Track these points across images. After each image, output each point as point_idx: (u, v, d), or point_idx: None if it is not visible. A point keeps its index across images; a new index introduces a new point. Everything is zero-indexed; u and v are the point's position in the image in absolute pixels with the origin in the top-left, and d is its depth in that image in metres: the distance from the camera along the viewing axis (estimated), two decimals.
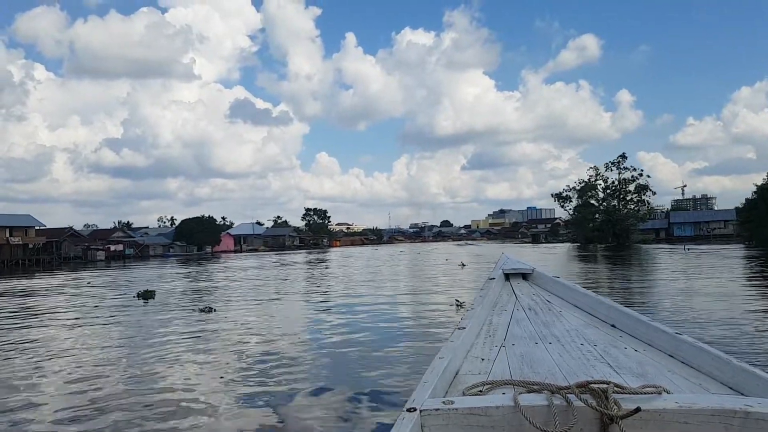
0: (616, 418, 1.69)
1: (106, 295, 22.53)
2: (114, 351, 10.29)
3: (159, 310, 16.24)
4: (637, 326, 2.80)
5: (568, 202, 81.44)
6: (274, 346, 10.11)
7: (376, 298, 17.70)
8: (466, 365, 2.43)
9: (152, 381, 7.84)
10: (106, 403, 6.75)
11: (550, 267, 28.36)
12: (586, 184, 77.59)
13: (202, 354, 9.64)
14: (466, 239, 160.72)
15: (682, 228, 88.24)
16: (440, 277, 26.16)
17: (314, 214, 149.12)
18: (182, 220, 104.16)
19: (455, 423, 1.77)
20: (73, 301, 20.47)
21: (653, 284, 20.04)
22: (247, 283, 26.98)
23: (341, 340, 10.57)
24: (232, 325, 12.78)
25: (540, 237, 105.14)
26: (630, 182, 75.57)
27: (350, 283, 24.77)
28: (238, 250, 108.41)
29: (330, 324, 12.87)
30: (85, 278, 35.91)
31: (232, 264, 51.37)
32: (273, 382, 7.57)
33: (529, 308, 3.39)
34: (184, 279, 32.05)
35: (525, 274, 4.11)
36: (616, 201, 76.08)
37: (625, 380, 2.10)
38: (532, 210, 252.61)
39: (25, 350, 10.59)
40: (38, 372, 8.75)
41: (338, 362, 8.77)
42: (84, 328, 13.61)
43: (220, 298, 19.34)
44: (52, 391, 7.65)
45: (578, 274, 25.40)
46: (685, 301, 14.62)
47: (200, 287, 25.41)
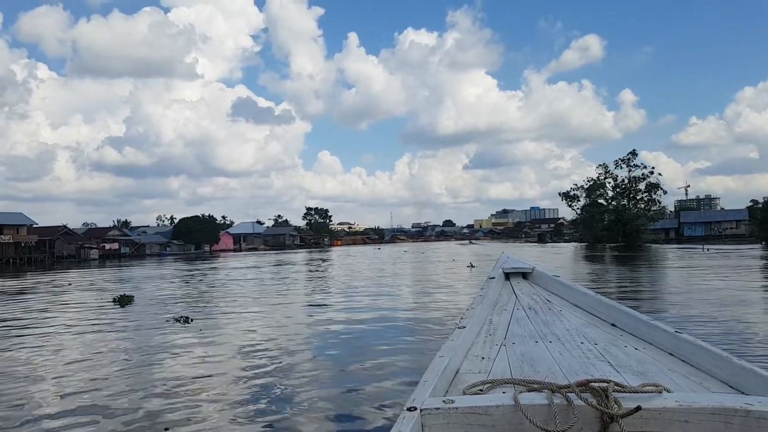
0: (617, 416, 1.69)
1: (81, 299, 20.43)
2: (39, 369, 8.13)
3: (131, 319, 14.11)
4: (638, 325, 2.80)
5: (576, 201, 79.26)
6: (242, 388, 7.13)
7: (389, 311, 15.50)
8: (466, 364, 2.40)
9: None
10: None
11: (565, 270, 26.31)
12: (594, 182, 75.16)
13: (142, 390, 7.47)
14: (469, 239, 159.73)
15: (692, 228, 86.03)
16: (453, 283, 23.98)
17: (315, 213, 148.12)
18: (180, 219, 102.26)
19: (456, 422, 1.77)
20: (39, 306, 18.36)
21: (689, 289, 17.70)
22: (237, 286, 24.85)
23: (343, 391, 6.78)
24: (205, 343, 10.45)
25: (546, 237, 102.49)
26: (640, 180, 73.20)
27: (354, 288, 22.59)
28: (238, 250, 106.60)
29: (330, 355, 9.05)
30: (71, 278, 33.86)
31: (228, 264, 49.25)
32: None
33: (529, 307, 3.39)
34: (173, 281, 29.94)
35: (525, 273, 4.09)
36: (625, 200, 73.75)
37: (626, 379, 2.09)
38: (535, 210, 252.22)
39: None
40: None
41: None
42: (31, 338, 11.48)
43: (202, 305, 17.22)
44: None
45: (596, 279, 23.23)
46: (743, 312, 12.39)
47: (186, 291, 23.31)
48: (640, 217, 71.31)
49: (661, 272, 26.27)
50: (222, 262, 55.27)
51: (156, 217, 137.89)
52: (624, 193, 73.99)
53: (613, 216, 72.13)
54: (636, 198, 73.66)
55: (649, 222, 73.21)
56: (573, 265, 33.01)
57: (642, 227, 71.42)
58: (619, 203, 73.67)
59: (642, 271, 26.46)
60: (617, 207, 73.13)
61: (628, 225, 70.37)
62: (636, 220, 70.82)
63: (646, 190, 73.08)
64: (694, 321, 10.74)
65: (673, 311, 12.43)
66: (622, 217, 70.80)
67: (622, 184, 74.13)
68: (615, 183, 74.32)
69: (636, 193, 73.57)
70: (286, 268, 38.36)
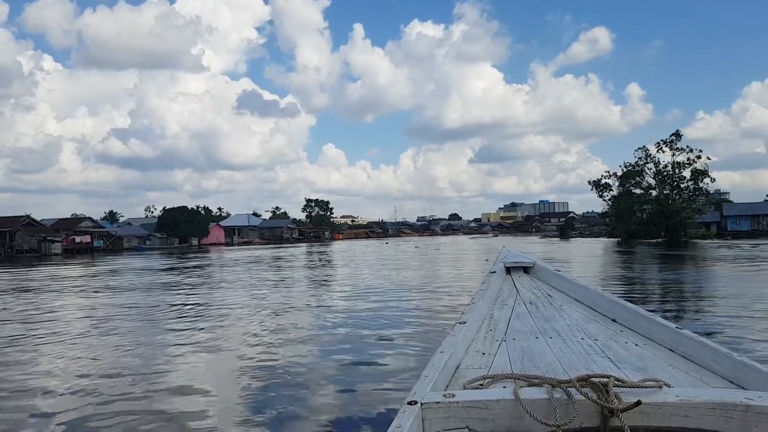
0: (617, 411, 1.67)
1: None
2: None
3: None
4: (638, 320, 2.78)
5: (608, 190, 69.77)
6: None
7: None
8: (467, 359, 2.41)
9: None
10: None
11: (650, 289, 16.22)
12: (632, 168, 65.44)
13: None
14: (477, 233, 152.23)
15: (737, 222, 76.49)
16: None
17: (316, 205, 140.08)
18: (165, 210, 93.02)
19: (456, 416, 1.75)
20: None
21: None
22: (190, 293, 15.70)
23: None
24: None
25: (568, 231, 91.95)
26: (686, 166, 63.53)
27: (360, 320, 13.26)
28: (230, 243, 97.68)
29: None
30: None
31: (207, 260, 39.91)
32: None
33: (530, 302, 3.39)
34: (130, 283, 20.80)
35: (526, 267, 4.09)
36: (668, 189, 64.20)
37: (626, 374, 2.08)
38: (544, 203, 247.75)
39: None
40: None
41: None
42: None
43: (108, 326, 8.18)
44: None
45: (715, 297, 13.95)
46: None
47: (128, 302, 14.48)
48: (686, 208, 61.61)
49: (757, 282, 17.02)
50: (201, 258, 45.86)
51: (144, 208, 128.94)
52: (666, 181, 64.43)
53: (654, 207, 62.50)
54: (680, 187, 64.14)
55: (696, 214, 63.68)
56: (647, 273, 23.73)
57: (688, 220, 61.85)
58: (661, 192, 64.09)
59: (746, 283, 17.19)
60: (659, 197, 63.52)
61: (673, 218, 60.78)
62: (682, 212, 61.13)
63: (692, 178, 63.41)
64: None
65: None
66: (666, 209, 61.00)
67: (664, 170, 64.47)
68: (657, 169, 64.58)
69: (680, 180, 64.04)
70: (263, 273, 29.06)
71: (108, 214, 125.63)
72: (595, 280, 17.67)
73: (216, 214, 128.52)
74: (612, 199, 70.09)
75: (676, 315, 10.47)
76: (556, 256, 33.35)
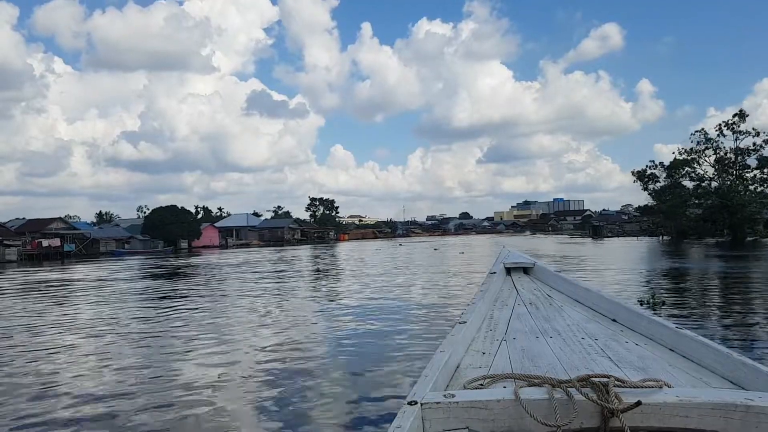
0: (617, 411, 1.66)
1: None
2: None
3: None
4: (638, 321, 2.75)
5: (654, 181, 60.23)
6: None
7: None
8: (467, 359, 2.38)
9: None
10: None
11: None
12: (687, 154, 55.65)
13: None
14: (491, 232, 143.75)
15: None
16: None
17: (321, 204, 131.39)
18: (152, 209, 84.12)
19: (456, 416, 1.74)
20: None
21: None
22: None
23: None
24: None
25: (603, 230, 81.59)
26: (751, 152, 53.80)
27: None
28: (224, 246, 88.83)
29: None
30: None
31: (185, 267, 30.84)
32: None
33: (530, 303, 3.35)
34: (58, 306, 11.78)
35: (526, 268, 4.05)
36: (730, 179, 54.47)
37: (626, 374, 2.07)
38: (558, 201, 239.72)
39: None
40: None
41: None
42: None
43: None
44: None
45: None
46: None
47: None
48: (753, 202, 51.78)
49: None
50: (183, 265, 36.74)
51: (137, 209, 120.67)
52: (728, 170, 54.73)
53: (715, 200, 52.76)
54: (743, 177, 54.41)
55: (764, 209, 53.91)
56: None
57: (756, 216, 52.01)
58: (723, 183, 54.35)
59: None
60: (721, 188, 53.78)
61: (738, 213, 51.04)
62: (748, 206, 51.29)
63: (759, 167, 53.64)
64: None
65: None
66: (729, 203, 51.19)
67: (725, 158, 54.71)
68: (717, 156, 54.78)
69: (745, 170, 54.32)
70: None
71: (98, 214, 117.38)
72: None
73: (216, 215, 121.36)
74: (654, 193, 60.71)
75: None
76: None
